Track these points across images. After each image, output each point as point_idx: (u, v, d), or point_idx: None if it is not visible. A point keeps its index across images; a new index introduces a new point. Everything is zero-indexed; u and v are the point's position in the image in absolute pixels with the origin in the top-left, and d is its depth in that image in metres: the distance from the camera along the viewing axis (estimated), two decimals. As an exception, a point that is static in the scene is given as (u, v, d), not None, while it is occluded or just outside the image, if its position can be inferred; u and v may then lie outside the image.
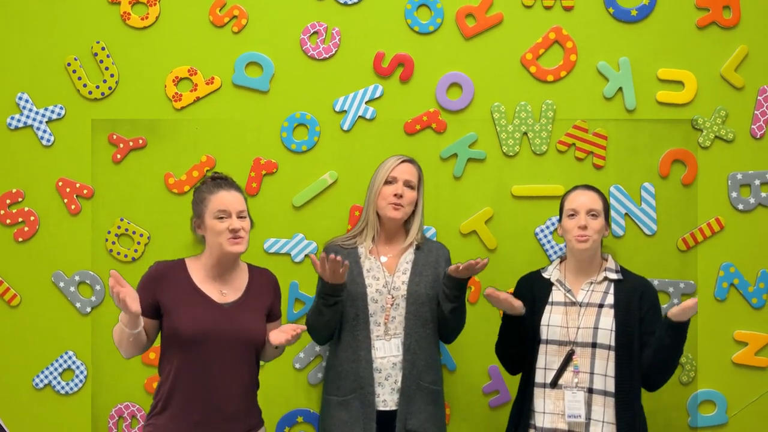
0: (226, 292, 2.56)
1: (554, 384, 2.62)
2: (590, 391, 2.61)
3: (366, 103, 3.15)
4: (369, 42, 3.16)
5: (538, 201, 3.16)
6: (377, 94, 3.15)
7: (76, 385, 3.18)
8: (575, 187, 2.81)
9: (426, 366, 2.75)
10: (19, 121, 3.17)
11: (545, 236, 3.14)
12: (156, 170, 3.17)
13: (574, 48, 3.14)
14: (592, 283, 2.71)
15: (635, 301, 2.65)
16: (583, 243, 2.66)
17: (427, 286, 2.77)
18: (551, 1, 3.15)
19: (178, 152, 3.17)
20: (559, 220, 2.80)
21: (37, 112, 3.17)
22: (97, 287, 3.17)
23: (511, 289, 2.86)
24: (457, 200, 3.15)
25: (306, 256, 3.12)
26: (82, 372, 3.18)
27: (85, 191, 3.17)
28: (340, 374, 2.76)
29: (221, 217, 2.51)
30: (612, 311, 2.64)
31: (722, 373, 3.15)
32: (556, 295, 2.73)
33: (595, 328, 2.62)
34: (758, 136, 3.15)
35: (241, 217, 2.53)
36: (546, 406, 2.64)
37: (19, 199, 3.19)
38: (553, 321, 2.68)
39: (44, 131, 3.17)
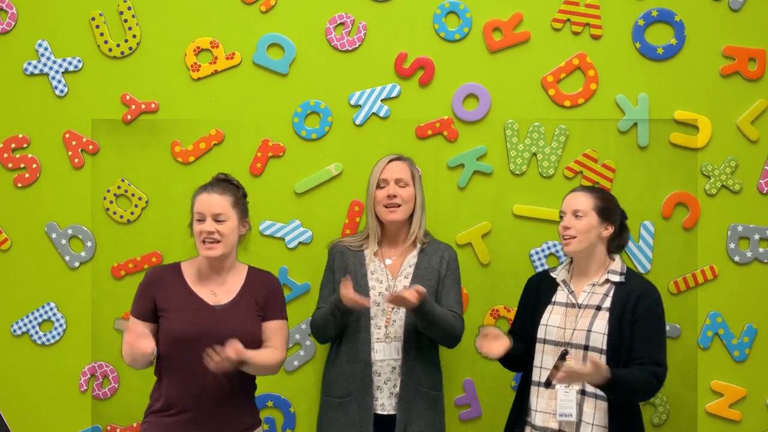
0: (217, 294, 2.55)
1: (548, 384, 2.61)
2: (583, 393, 2.59)
3: (382, 101, 3.15)
4: (393, 41, 3.16)
5: (538, 223, 3.15)
6: (394, 94, 3.15)
7: (53, 337, 3.18)
8: (572, 189, 2.78)
9: (425, 371, 2.73)
10: (35, 67, 3.17)
11: (539, 259, 3.14)
12: (164, 136, 3.17)
13: (596, 77, 3.14)
14: (594, 284, 2.67)
15: (631, 304, 2.58)
16: (565, 246, 2.65)
17: (428, 290, 2.70)
18: (580, 27, 3.14)
19: (189, 122, 3.17)
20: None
21: (54, 62, 3.17)
22: (89, 243, 3.17)
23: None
24: (457, 210, 3.15)
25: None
26: (61, 325, 3.18)
27: (90, 147, 3.17)
28: (339, 375, 2.76)
29: (199, 220, 2.52)
30: (607, 314, 2.61)
31: (694, 420, 3.15)
32: (560, 295, 2.70)
33: (588, 331, 2.58)
34: (764, 192, 3.15)
35: (219, 221, 2.51)
36: (539, 405, 2.63)
37: (24, 145, 3.19)
38: (552, 321, 2.66)
39: (59, 81, 3.17)
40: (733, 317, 3.15)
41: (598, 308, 2.61)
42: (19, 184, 3.18)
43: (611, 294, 2.62)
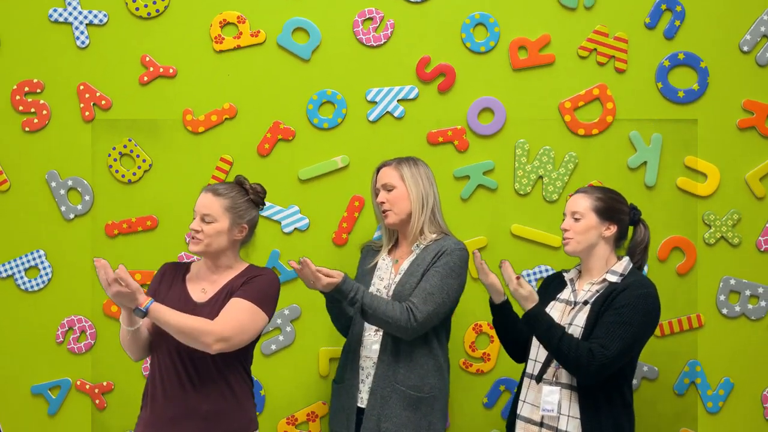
0: (206, 291, 2.53)
1: (539, 378, 2.61)
2: (563, 385, 2.59)
3: (398, 101, 3.15)
4: (419, 43, 3.16)
5: (534, 246, 3.16)
6: (411, 96, 3.15)
7: (38, 284, 3.19)
8: (575, 190, 2.76)
9: (407, 369, 2.67)
10: (60, 15, 3.17)
11: (529, 282, 3.14)
12: (177, 103, 3.17)
13: (614, 110, 3.14)
14: (592, 283, 2.67)
15: (612, 296, 2.55)
16: (564, 246, 2.65)
17: (410, 285, 2.69)
18: (605, 58, 3.14)
19: (204, 92, 3.17)
20: None
21: (80, 12, 3.17)
22: (87, 197, 3.17)
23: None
24: (456, 221, 3.13)
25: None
26: (47, 274, 3.18)
27: (103, 102, 3.17)
28: (341, 362, 2.82)
29: (195, 218, 2.53)
30: (589, 307, 2.59)
31: (658, 465, 3.16)
32: (565, 293, 2.71)
33: (569, 324, 2.58)
34: (762, 249, 3.15)
35: (205, 221, 2.49)
36: (528, 396, 2.64)
37: (38, 90, 3.18)
38: None
39: (82, 32, 3.17)
40: (711, 368, 3.15)
41: (585, 303, 2.61)
42: (27, 129, 3.18)
43: (602, 292, 2.61)
